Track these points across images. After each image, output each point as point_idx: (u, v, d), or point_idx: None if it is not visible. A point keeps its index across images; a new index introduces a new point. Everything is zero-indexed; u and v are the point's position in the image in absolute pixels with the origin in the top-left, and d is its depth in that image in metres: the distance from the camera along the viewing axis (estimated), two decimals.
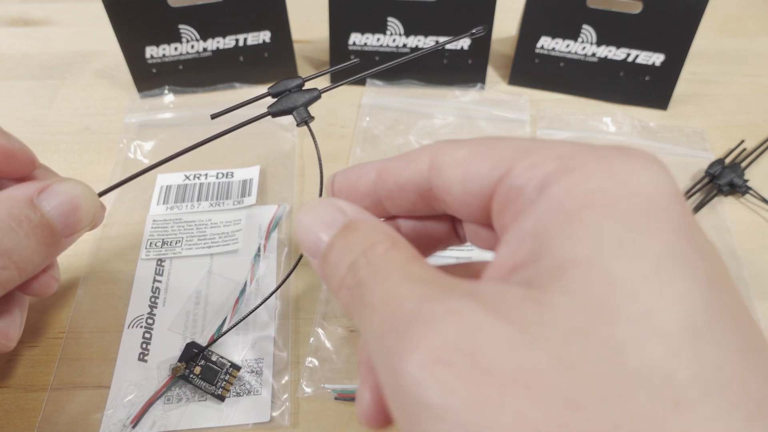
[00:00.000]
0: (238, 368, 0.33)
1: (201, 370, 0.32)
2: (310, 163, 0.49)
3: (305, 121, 0.31)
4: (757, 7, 0.65)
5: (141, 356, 0.36)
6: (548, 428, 0.12)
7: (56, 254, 0.25)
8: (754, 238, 0.44)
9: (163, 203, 0.44)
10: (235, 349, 0.36)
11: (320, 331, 0.38)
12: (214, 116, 0.28)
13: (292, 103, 0.31)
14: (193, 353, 0.33)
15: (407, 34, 0.52)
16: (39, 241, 0.24)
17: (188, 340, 0.36)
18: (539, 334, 0.13)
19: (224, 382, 0.32)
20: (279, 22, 0.52)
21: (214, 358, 0.32)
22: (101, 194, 0.27)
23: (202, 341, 0.37)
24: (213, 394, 0.31)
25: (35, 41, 0.60)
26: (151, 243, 0.42)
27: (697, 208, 0.45)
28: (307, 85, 0.32)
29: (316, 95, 0.32)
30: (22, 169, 0.28)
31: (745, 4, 0.66)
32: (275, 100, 0.32)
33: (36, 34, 0.61)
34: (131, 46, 0.51)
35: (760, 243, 0.44)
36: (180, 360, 0.32)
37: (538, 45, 0.53)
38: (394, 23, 0.52)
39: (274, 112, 0.31)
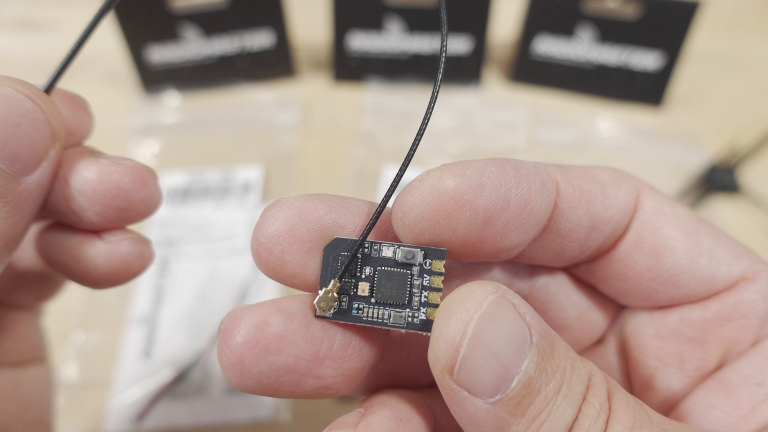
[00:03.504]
0: (441, 256, 0.16)
1: (371, 286, 0.16)
2: (312, 162, 0.50)
3: None
4: (751, 10, 0.66)
5: (146, 353, 0.37)
6: None
7: (31, 204, 0.16)
8: (747, 238, 0.45)
9: (170, 204, 0.45)
10: None
11: None
12: None
13: None
14: (346, 258, 0.16)
15: (408, 35, 0.53)
16: None
17: (195, 336, 0.37)
18: None
19: (425, 293, 0.16)
20: (281, 27, 0.53)
21: (387, 253, 0.16)
22: (49, 86, 0.18)
23: (205, 339, 0.38)
24: (409, 326, 0.16)
25: (40, 45, 0.61)
26: (157, 243, 0.43)
27: (691, 209, 0.46)
28: None
29: None
30: None
31: (739, 7, 0.66)
32: None
33: (41, 37, 0.62)
34: (137, 48, 0.52)
35: (753, 243, 0.44)
36: (321, 284, 0.16)
37: (537, 46, 0.54)
38: (394, 25, 0.53)
39: None
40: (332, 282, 0.16)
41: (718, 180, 0.47)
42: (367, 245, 0.16)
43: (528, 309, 0.14)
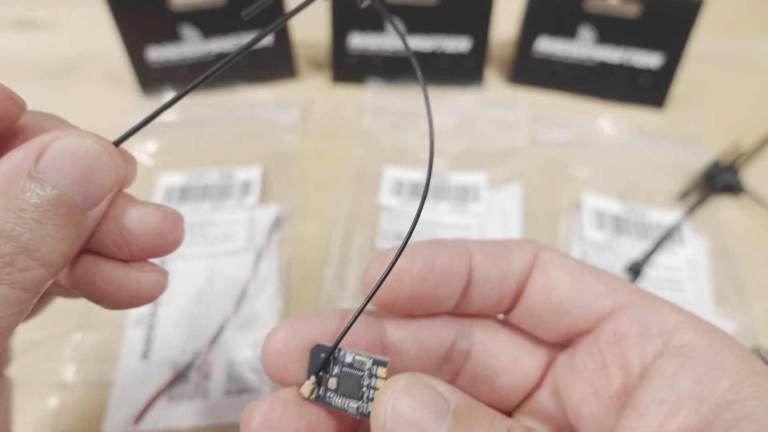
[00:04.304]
0: (384, 364, 0.22)
1: (337, 381, 0.22)
2: (311, 162, 0.50)
3: None
4: (753, 9, 0.66)
5: (144, 354, 0.37)
6: None
7: (86, 232, 0.20)
8: (750, 238, 0.45)
9: (168, 204, 0.45)
10: (236, 348, 0.37)
11: None
12: (247, 14, 0.23)
13: None
14: (321, 360, 0.22)
15: (408, 35, 0.53)
16: (57, 224, 0.18)
17: (194, 338, 0.37)
18: None
19: (371, 390, 0.22)
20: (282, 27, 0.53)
21: (348, 359, 0.22)
22: (119, 142, 0.22)
23: (204, 340, 0.37)
24: (360, 413, 0.21)
25: (40, 45, 0.61)
26: None
27: (693, 209, 0.46)
28: None
29: None
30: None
31: (741, 6, 0.66)
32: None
33: (40, 37, 0.62)
34: (135, 47, 0.52)
35: (755, 243, 0.44)
36: (309, 374, 0.22)
37: (538, 46, 0.54)
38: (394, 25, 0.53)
39: None
40: (311, 378, 0.22)
41: (720, 180, 0.47)
42: (338, 350, 0.22)
43: (446, 387, 0.18)
